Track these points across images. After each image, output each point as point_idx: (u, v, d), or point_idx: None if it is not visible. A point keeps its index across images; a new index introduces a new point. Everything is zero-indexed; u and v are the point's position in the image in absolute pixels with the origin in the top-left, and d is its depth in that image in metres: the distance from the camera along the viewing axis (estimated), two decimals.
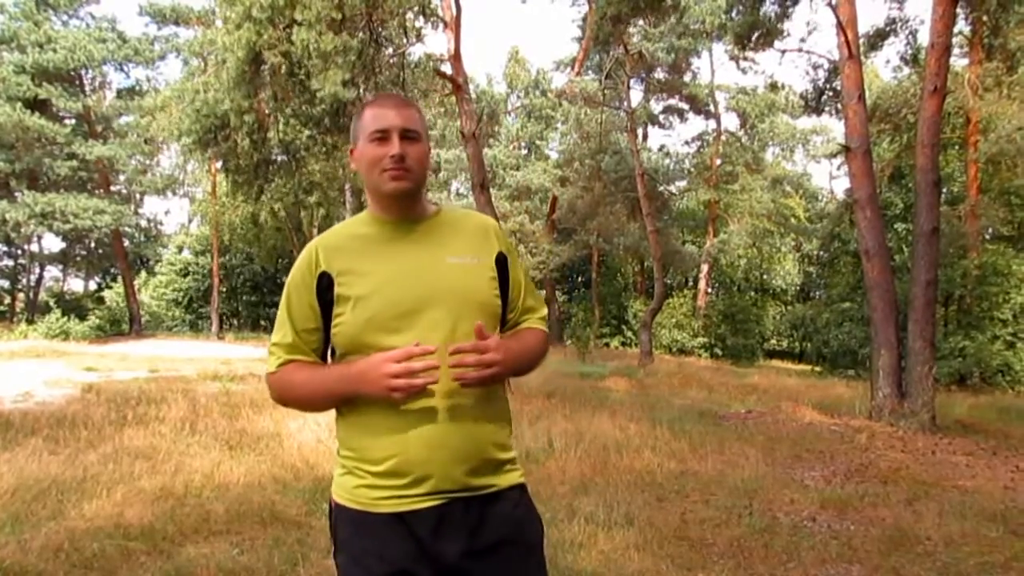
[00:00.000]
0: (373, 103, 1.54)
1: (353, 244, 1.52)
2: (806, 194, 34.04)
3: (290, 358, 1.51)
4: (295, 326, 1.51)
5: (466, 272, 1.50)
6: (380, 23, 13.22)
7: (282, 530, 4.00)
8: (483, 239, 1.57)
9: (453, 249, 1.51)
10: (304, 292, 1.50)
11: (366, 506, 1.44)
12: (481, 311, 1.48)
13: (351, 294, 1.45)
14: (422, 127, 1.52)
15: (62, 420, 7.14)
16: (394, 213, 1.52)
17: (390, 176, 1.47)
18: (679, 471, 5.78)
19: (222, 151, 14.90)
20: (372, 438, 1.44)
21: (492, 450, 1.48)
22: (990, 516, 4.57)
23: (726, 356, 27.25)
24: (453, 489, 1.43)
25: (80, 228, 25.60)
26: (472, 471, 1.44)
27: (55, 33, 25.89)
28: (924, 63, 9.79)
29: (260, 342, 26.52)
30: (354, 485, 1.46)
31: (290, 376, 1.50)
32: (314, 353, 1.53)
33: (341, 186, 26.37)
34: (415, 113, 1.52)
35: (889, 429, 8.23)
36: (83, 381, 10.98)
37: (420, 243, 1.51)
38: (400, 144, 1.47)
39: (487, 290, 1.52)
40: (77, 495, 4.41)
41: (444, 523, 1.42)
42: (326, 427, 7.13)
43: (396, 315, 1.43)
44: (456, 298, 1.46)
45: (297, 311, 1.51)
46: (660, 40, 23.76)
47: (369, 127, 1.49)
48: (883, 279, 9.29)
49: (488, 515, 1.46)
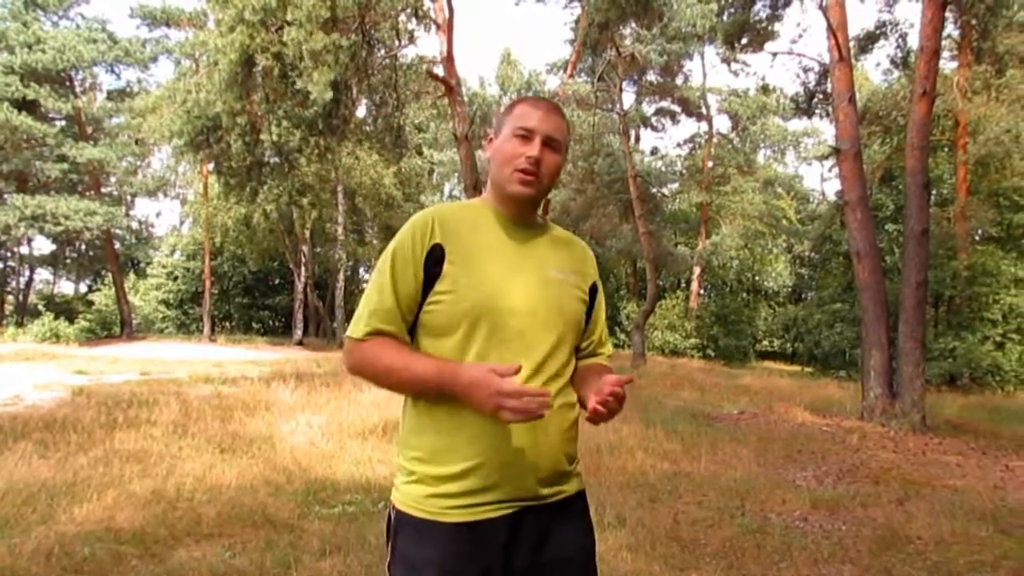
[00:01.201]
0: (526, 101, 1.53)
1: (471, 227, 1.48)
2: (797, 196, 34.18)
3: (383, 327, 1.42)
4: (397, 290, 1.41)
5: (565, 288, 1.50)
6: (372, 25, 13.22)
7: (274, 533, 3.98)
8: (583, 264, 1.58)
9: (557, 263, 1.52)
10: (412, 258, 1.42)
11: (435, 515, 1.38)
12: (572, 329, 1.50)
13: (458, 276, 1.41)
14: (565, 140, 1.52)
15: (52, 423, 7.09)
16: (511, 212, 1.52)
17: (520, 178, 1.46)
18: (672, 472, 5.79)
19: (214, 153, 14.87)
20: (449, 438, 1.39)
21: (563, 461, 1.47)
22: (980, 515, 4.60)
23: (718, 357, 27.32)
24: (525, 498, 1.41)
25: (70, 230, 25.46)
26: (543, 481, 1.43)
27: (44, 34, 25.74)
28: (914, 66, 9.86)
29: (252, 345, 26.43)
30: (425, 494, 1.40)
31: (380, 351, 1.41)
32: (406, 325, 1.44)
33: (334, 188, 26.33)
34: (563, 124, 1.51)
35: (880, 429, 8.28)
36: (73, 384, 10.91)
37: (533, 248, 1.51)
38: (541, 149, 1.46)
39: (580, 311, 1.53)
40: (67, 499, 4.38)
41: (516, 534, 1.40)
42: (318, 429, 7.12)
43: (495, 311, 1.40)
44: (553, 310, 1.46)
45: (403, 278, 1.42)
46: (652, 43, 23.82)
47: (516, 122, 1.48)
48: (874, 280, 9.35)
49: (554, 527, 1.45)
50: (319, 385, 10.51)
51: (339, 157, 19.91)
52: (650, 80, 27.34)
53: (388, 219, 29.46)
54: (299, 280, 29.12)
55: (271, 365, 15.91)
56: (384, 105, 15.71)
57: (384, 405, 8.18)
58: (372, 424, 7.30)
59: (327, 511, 4.41)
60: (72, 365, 14.73)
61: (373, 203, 28.11)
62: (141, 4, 27.05)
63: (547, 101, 1.54)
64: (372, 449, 6.25)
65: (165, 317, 33.41)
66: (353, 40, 12.22)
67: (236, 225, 26.61)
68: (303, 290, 29.14)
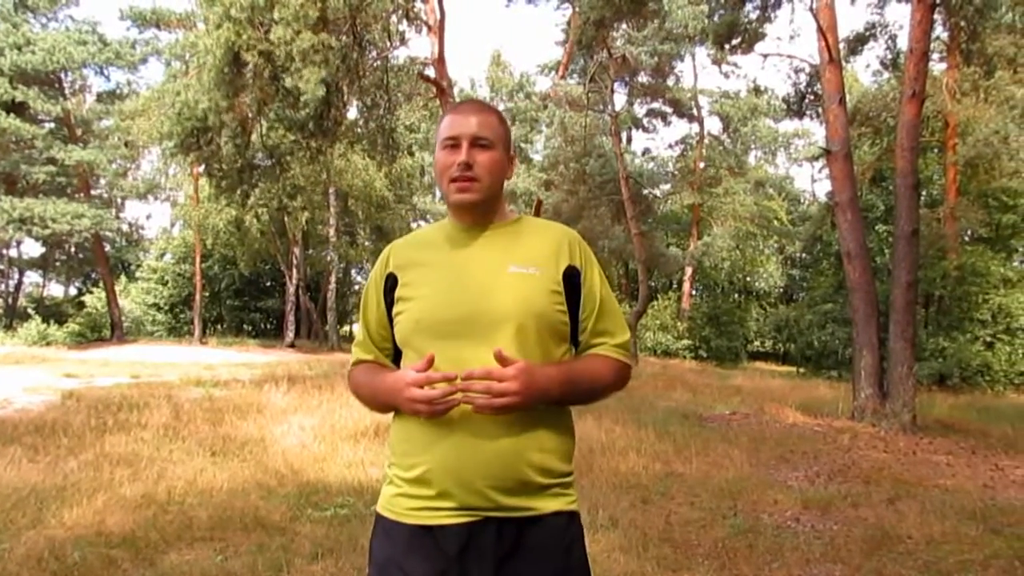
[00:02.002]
0: (452, 109, 1.52)
1: (423, 247, 1.53)
2: (788, 197, 34.36)
3: (362, 357, 1.57)
4: (368, 325, 1.56)
5: (524, 282, 1.42)
6: (364, 27, 13.21)
7: (266, 536, 3.97)
8: (554, 250, 1.48)
9: (518, 258, 1.45)
10: (374, 291, 1.55)
11: (399, 516, 1.42)
12: (537, 324, 1.41)
13: (409, 295, 1.47)
14: (496, 134, 1.47)
15: (42, 427, 7.05)
16: (466, 221, 1.50)
17: (456, 187, 1.44)
18: (664, 473, 5.80)
19: (204, 155, 14.80)
20: (408, 445, 1.43)
21: (529, 471, 1.38)
22: (970, 514, 4.63)
23: (710, 358, 27.40)
24: (482, 507, 1.36)
25: (59, 233, 25.28)
26: (503, 490, 1.36)
27: (34, 35, 25.56)
28: (903, 68, 9.92)
29: (243, 347, 26.32)
30: (392, 494, 1.45)
31: (357, 377, 1.56)
32: (383, 352, 1.56)
33: (325, 190, 26.25)
34: (492, 119, 1.48)
35: (871, 429, 8.32)
36: (63, 387, 10.83)
37: (485, 249, 1.47)
38: (469, 152, 1.43)
39: (546, 304, 1.42)
40: (57, 503, 4.36)
41: (472, 543, 1.36)
42: (310, 432, 7.10)
43: (445, 320, 1.40)
44: (509, 308, 1.39)
45: (368, 311, 1.56)
46: (643, 44, 23.88)
47: (443, 133, 1.47)
48: (864, 281, 9.39)
49: (523, 544, 1.37)
50: (311, 387, 10.49)
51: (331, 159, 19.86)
52: (641, 81, 27.38)
53: (380, 221, 29.40)
54: (291, 282, 29.00)
55: (263, 368, 15.86)
56: (376, 107, 15.69)
57: None
58: (364, 426, 7.29)
59: (319, 514, 4.39)
60: (62, 368, 14.64)
61: (365, 205, 28.06)
62: (131, 5, 26.91)
63: (470, 103, 1.53)
64: (364, 451, 6.24)
65: (156, 320, 33.23)
66: (344, 42, 12.21)
67: (227, 227, 26.51)
68: (295, 292, 29.02)
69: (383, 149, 17.08)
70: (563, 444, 1.45)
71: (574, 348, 1.54)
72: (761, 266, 33.81)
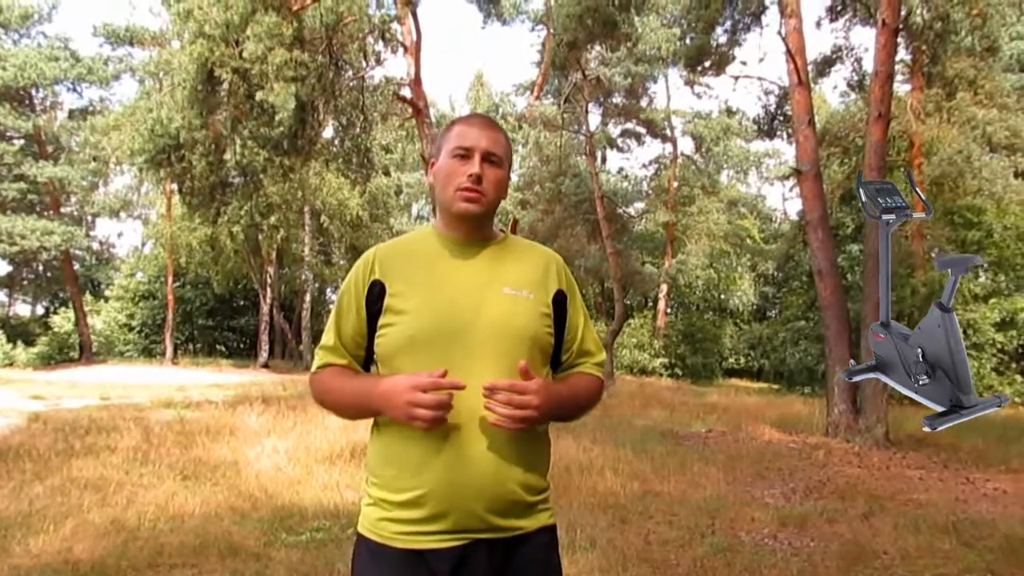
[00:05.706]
0: (462, 120, 1.53)
1: (412, 257, 1.50)
2: (760, 215, 34.82)
3: (330, 361, 1.52)
4: (340, 330, 1.51)
5: (518, 304, 1.45)
6: (340, 47, 13.24)
7: (240, 562, 3.89)
8: (544, 274, 1.52)
9: (511, 280, 1.47)
10: (355, 298, 1.50)
11: (386, 539, 1.40)
12: (530, 346, 1.44)
13: (400, 307, 1.44)
14: (505, 153, 1.51)
15: (5, 451, 6.85)
16: (460, 233, 1.50)
17: (463, 196, 1.45)
18: (642, 492, 5.80)
19: (176, 171, 14.67)
20: (396, 467, 1.41)
21: (520, 491, 1.41)
22: (943, 528, 4.68)
23: (686, 376, 27.53)
24: (476, 528, 1.37)
25: (28, 250, 24.87)
26: (497, 512, 1.38)
27: (5, 51, 25.27)
28: (869, 89, 10.15)
29: (216, 367, 25.93)
30: (378, 517, 1.42)
31: (327, 380, 1.51)
32: (355, 359, 1.52)
33: (301, 209, 26.10)
34: (502, 138, 1.51)
35: (845, 445, 8.41)
36: (29, 410, 10.57)
37: (479, 267, 1.48)
38: (480, 165, 1.45)
39: (538, 326, 1.46)
40: (23, 530, 4.24)
41: (465, 566, 1.37)
42: (284, 454, 6.99)
43: (440, 336, 1.40)
44: (504, 330, 1.42)
45: (346, 316, 1.51)
46: (617, 65, 24.20)
47: (454, 142, 1.48)
48: (835, 298, 9.54)
49: (513, 561, 1.40)
50: (285, 408, 10.34)
51: (305, 177, 19.77)
52: (615, 102, 27.71)
53: (355, 239, 29.26)
54: (264, 301, 28.70)
55: (235, 388, 15.62)
56: (351, 126, 15.69)
57: (352, 428, 8.05)
58: (340, 448, 7.19)
59: (294, 538, 4.32)
60: (28, 390, 14.28)
61: (340, 224, 27.94)
62: (105, 23, 26.72)
63: (483, 117, 1.55)
64: (340, 474, 6.15)
65: (126, 340, 32.63)
66: (320, 61, 12.22)
67: (201, 246, 26.21)
68: (269, 311, 28.72)
69: (358, 168, 17.08)
70: (544, 460, 1.50)
71: (554, 368, 1.56)
72: (735, 284, 34.15)
